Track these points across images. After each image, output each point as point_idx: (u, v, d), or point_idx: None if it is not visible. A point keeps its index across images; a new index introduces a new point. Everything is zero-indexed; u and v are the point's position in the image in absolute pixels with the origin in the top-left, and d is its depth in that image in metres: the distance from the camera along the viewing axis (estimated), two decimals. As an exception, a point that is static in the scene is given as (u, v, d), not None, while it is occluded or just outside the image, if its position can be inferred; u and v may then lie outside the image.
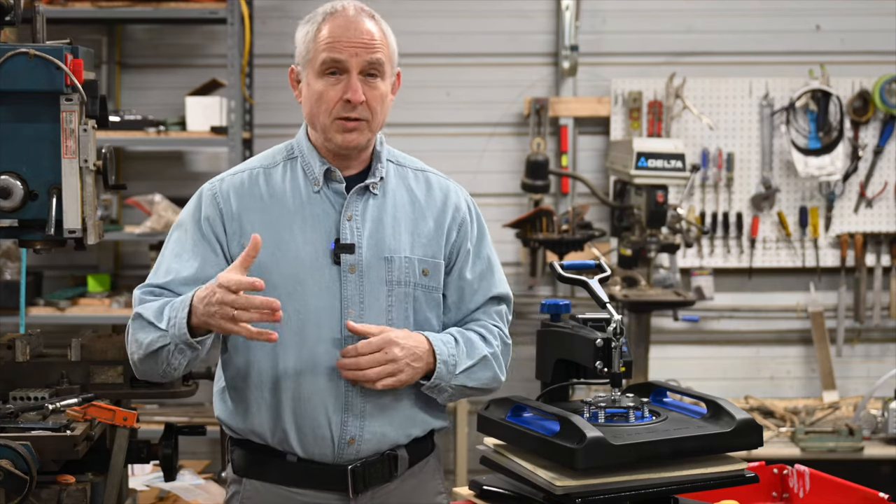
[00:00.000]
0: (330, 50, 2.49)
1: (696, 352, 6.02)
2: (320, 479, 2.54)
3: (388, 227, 2.57)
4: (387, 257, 2.55)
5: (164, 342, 2.41)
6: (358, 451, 2.53)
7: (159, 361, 2.45)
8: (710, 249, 5.90)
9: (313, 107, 2.53)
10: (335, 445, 2.52)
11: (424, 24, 5.86)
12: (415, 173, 2.67)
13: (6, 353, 3.06)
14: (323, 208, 2.55)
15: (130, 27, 5.94)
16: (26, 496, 2.49)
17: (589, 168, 5.93)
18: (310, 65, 2.53)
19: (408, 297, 2.57)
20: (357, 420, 2.52)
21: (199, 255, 2.52)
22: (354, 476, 2.53)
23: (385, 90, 2.56)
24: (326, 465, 2.53)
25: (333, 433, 2.51)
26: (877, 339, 6.04)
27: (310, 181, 2.57)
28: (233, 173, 2.61)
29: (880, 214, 5.91)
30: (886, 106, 5.79)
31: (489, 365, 2.62)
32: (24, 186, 2.77)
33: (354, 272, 2.53)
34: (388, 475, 2.58)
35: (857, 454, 5.11)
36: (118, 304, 5.44)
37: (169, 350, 2.42)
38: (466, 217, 2.68)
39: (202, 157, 6.00)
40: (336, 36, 2.50)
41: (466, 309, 2.66)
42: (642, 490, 2.22)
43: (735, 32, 5.96)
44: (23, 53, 2.72)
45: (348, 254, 2.52)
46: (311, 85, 2.53)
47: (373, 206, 2.58)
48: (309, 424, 2.51)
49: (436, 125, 5.91)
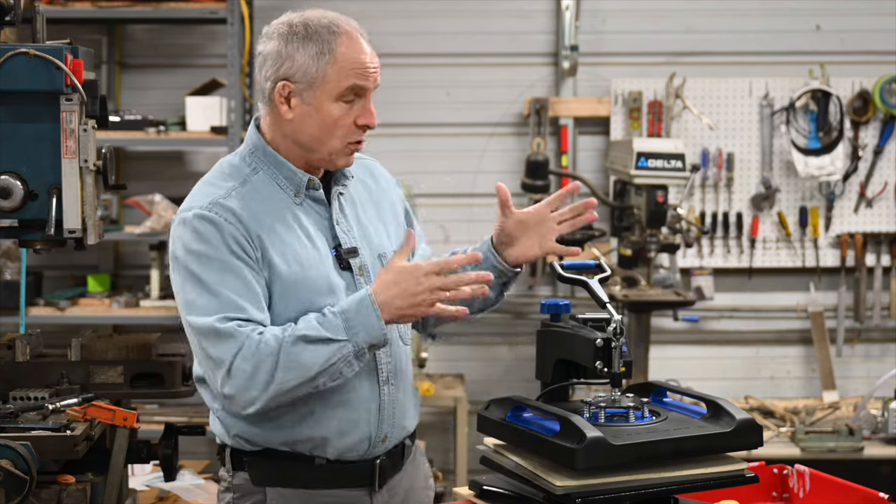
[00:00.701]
0: (357, 76, 2.45)
1: (696, 352, 6.02)
2: (349, 477, 2.55)
3: (368, 225, 2.62)
4: (380, 255, 2.60)
5: (346, 351, 2.38)
6: (386, 446, 2.58)
7: (325, 379, 2.40)
8: (710, 249, 5.91)
9: (326, 131, 2.47)
10: (370, 444, 2.55)
11: (424, 24, 5.86)
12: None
13: (6, 353, 3.06)
14: (314, 217, 2.55)
15: (130, 27, 5.94)
16: (26, 496, 2.49)
17: (589, 168, 5.93)
18: (321, 86, 2.45)
19: None
20: (390, 417, 2.57)
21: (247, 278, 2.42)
22: (382, 469, 2.57)
23: None
24: (355, 463, 2.55)
25: (371, 433, 2.54)
26: (877, 339, 6.04)
27: (288, 192, 2.53)
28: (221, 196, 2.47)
29: (880, 214, 5.91)
30: (886, 106, 5.79)
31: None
32: (24, 186, 2.77)
33: (363, 274, 2.55)
34: (401, 464, 2.64)
35: (857, 454, 5.11)
36: (118, 304, 5.44)
37: (346, 360, 2.39)
38: (395, 185, 2.77)
39: (202, 157, 6.00)
40: (361, 61, 2.46)
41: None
42: (642, 490, 2.22)
43: (735, 32, 5.96)
44: (23, 53, 2.72)
45: (354, 257, 2.55)
46: (322, 108, 2.46)
47: (349, 207, 2.61)
48: (349, 429, 2.52)
49: (436, 125, 5.91)
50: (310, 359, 2.37)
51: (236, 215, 2.45)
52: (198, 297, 2.41)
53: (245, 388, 2.38)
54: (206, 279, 2.41)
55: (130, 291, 5.67)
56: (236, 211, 2.45)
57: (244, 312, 2.39)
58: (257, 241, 2.45)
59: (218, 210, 2.45)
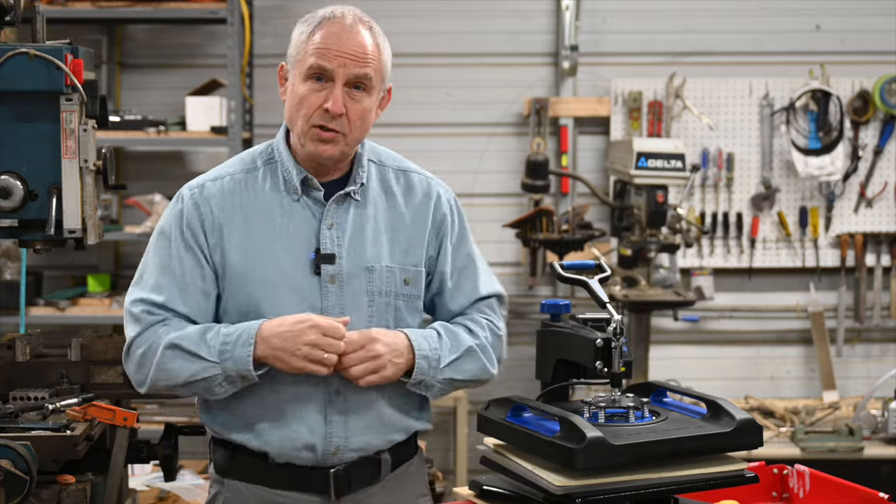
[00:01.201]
0: (319, 56, 2.45)
1: (696, 352, 6.02)
2: (302, 481, 2.52)
3: (369, 235, 2.54)
4: (368, 267, 2.52)
5: (213, 373, 2.42)
6: (342, 458, 2.52)
7: (197, 390, 2.47)
8: (710, 249, 5.91)
9: (293, 109, 2.50)
10: (319, 455, 2.50)
11: (424, 24, 5.86)
12: (395, 173, 2.62)
13: (6, 353, 3.06)
14: (303, 217, 2.52)
15: (130, 27, 5.94)
16: (26, 496, 2.49)
17: (589, 168, 5.93)
18: (297, 66, 2.49)
19: (389, 307, 2.54)
20: (341, 431, 2.50)
21: (185, 267, 2.49)
22: (337, 479, 2.51)
23: (369, 105, 2.50)
24: (308, 469, 2.52)
25: (317, 444, 2.50)
26: (877, 339, 6.05)
27: (290, 188, 2.53)
28: (213, 178, 2.56)
29: (880, 214, 5.91)
30: (886, 106, 5.79)
31: (475, 356, 2.58)
32: (24, 186, 2.77)
33: (335, 283, 2.50)
34: (371, 478, 2.55)
35: (857, 454, 5.11)
36: (118, 304, 5.44)
37: (216, 380, 2.43)
38: (447, 216, 2.63)
39: (202, 157, 6.00)
40: (328, 43, 2.46)
41: (452, 310, 2.63)
42: (642, 490, 2.22)
43: (735, 32, 5.96)
44: (23, 53, 2.72)
45: (329, 264, 2.49)
46: (294, 86, 2.50)
47: (353, 213, 2.54)
48: (291, 436, 2.49)
49: (436, 125, 5.91)
50: (178, 368, 2.44)
51: (209, 201, 2.51)
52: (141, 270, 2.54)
53: (135, 372, 2.50)
54: (153, 255, 2.53)
55: (130, 291, 5.66)
56: (213, 196, 2.51)
57: (164, 299, 2.48)
58: (217, 230, 2.49)
59: (196, 192, 2.53)
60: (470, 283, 2.65)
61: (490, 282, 2.68)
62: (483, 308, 2.65)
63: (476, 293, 2.65)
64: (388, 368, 2.46)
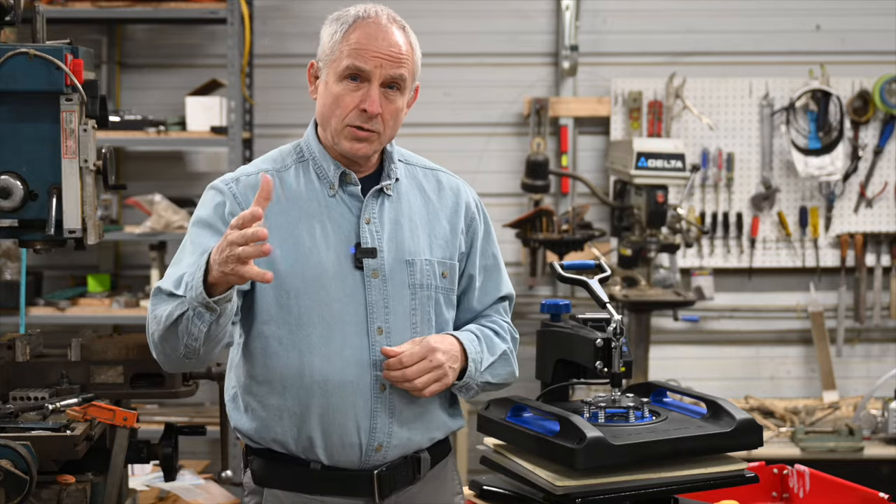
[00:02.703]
0: (355, 57, 2.45)
1: (696, 352, 6.02)
2: (345, 485, 2.51)
3: (406, 229, 2.55)
4: (408, 260, 2.53)
5: (182, 309, 2.31)
6: (385, 456, 2.51)
7: (179, 334, 2.34)
8: (710, 249, 5.91)
9: (328, 108, 2.49)
10: (362, 452, 2.49)
11: (424, 24, 5.81)
12: (424, 172, 2.66)
13: (6, 353, 3.06)
14: (340, 212, 2.52)
15: (130, 27, 5.94)
16: (26, 496, 2.49)
17: (589, 168, 5.93)
18: (332, 66, 2.48)
19: (430, 300, 2.54)
20: (385, 426, 2.49)
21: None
22: (381, 481, 2.50)
23: (402, 105, 2.51)
24: (352, 471, 2.50)
25: (362, 440, 2.48)
26: (877, 339, 6.05)
27: (325, 184, 2.53)
28: (247, 174, 2.54)
29: (880, 214, 5.91)
30: (886, 106, 5.79)
31: (508, 360, 2.63)
32: (24, 186, 2.77)
33: (378, 276, 2.50)
34: (411, 478, 2.55)
35: (857, 454, 5.11)
36: (118, 304, 5.44)
37: (188, 317, 2.31)
38: (476, 216, 2.67)
39: (202, 157, 6.00)
40: (364, 43, 2.46)
41: (475, 308, 2.66)
42: (642, 490, 2.22)
43: (735, 32, 5.96)
44: (23, 53, 2.71)
45: (370, 258, 2.49)
46: (329, 86, 2.49)
47: (389, 208, 2.55)
48: (337, 432, 2.47)
49: (436, 125, 5.91)
50: (160, 311, 2.36)
51: (246, 193, 2.48)
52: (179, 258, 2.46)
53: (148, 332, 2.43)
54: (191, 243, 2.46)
55: (130, 291, 5.67)
56: (251, 189, 2.48)
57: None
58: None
59: (233, 185, 2.51)
60: (493, 282, 2.69)
61: (508, 283, 2.72)
62: (500, 310, 2.69)
63: (498, 293, 2.69)
64: (449, 375, 2.48)
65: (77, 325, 5.33)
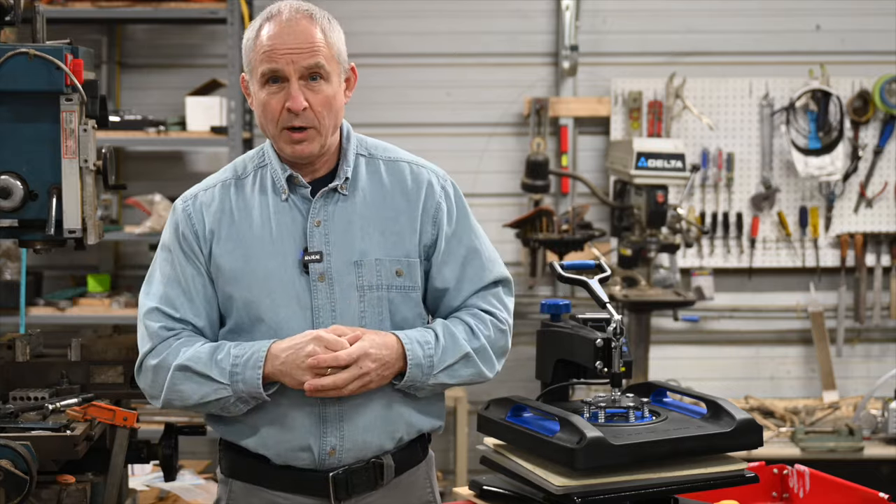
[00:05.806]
0: (267, 60, 2.44)
1: (696, 352, 6.02)
2: (302, 484, 2.52)
3: (358, 229, 2.51)
4: (356, 261, 2.50)
5: (224, 394, 2.44)
6: (339, 460, 2.50)
7: (211, 409, 2.49)
8: (710, 249, 5.91)
9: (261, 117, 2.50)
10: (315, 456, 2.50)
11: (424, 24, 5.86)
12: (386, 164, 2.60)
13: (6, 353, 3.06)
14: (291, 216, 2.51)
15: (130, 27, 5.94)
16: (26, 496, 2.49)
17: (589, 168, 5.93)
18: (253, 75, 2.48)
19: (381, 301, 2.51)
20: (336, 430, 2.49)
21: (188, 277, 2.52)
22: (336, 483, 2.50)
23: (331, 92, 2.47)
24: (308, 472, 2.51)
25: (313, 445, 2.49)
26: (877, 339, 6.05)
27: (278, 189, 2.53)
28: (205, 188, 2.58)
29: (880, 214, 5.91)
30: (886, 106, 5.79)
31: (472, 362, 2.54)
32: (24, 186, 2.77)
33: (324, 280, 2.48)
34: (373, 483, 2.53)
35: (857, 454, 5.11)
36: (118, 304, 5.44)
37: (229, 401, 2.45)
38: (442, 203, 2.58)
39: (202, 157, 6.00)
40: (272, 44, 2.44)
41: (453, 300, 2.59)
42: (642, 490, 2.22)
43: (735, 32, 5.96)
44: (23, 53, 2.71)
45: (316, 262, 2.48)
46: (256, 95, 2.48)
47: (341, 208, 2.52)
48: (287, 437, 2.49)
49: (436, 125, 5.91)
50: (189, 390, 2.46)
51: (201, 210, 2.53)
52: (148, 283, 2.57)
53: (149, 387, 2.52)
54: (159, 268, 2.56)
55: (130, 291, 5.67)
56: (206, 205, 2.54)
57: (175, 310, 2.51)
58: (209, 237, 2.52)
59: (189, 204, 2.56)
60: (473, 270, 2.60)
61: (494, 267, 2.63)
62: (489, 297, 2.60)
63: (480, 281, 2.60)
64: (374, 382, 2.45)
65: (77, 325, 5.34)
